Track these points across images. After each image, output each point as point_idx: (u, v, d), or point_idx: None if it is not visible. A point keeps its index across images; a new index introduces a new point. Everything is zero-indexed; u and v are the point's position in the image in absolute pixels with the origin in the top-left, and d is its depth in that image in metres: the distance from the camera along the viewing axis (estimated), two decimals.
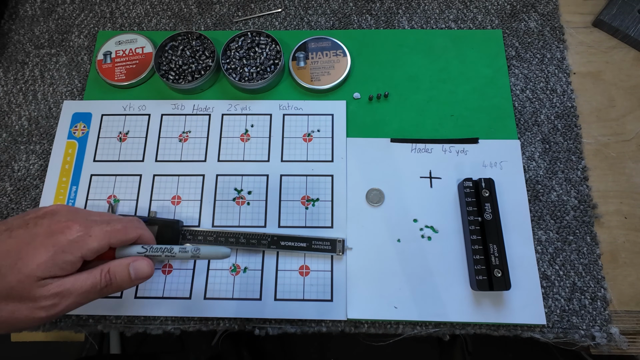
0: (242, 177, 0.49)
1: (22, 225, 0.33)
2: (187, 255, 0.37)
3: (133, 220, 0.37)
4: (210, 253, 0.37)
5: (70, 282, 0.32)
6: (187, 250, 0.37)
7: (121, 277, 0.34)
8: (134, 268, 0.35)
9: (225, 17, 0.58)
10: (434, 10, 0.57)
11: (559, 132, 0.50)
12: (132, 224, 0.36)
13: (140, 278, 0.35)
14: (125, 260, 0.35)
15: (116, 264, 0.34)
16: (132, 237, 0.36)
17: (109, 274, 0.34)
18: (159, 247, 0.37)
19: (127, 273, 0.34)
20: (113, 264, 0.34)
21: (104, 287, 0.34)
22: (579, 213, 0.47)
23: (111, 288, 0.34)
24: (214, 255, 0.38)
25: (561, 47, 0.54)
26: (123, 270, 0.34)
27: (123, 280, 0.34)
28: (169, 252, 0.36)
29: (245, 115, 0.52)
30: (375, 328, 0.44)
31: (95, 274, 0.33)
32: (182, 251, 0.37)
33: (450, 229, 0.47)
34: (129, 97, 0.54)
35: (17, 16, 0.59)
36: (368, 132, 0.51)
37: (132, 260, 0.35)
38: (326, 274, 0.45)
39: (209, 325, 0.44)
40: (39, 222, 0.33)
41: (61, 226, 0.33)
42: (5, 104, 0.54)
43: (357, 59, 0.54)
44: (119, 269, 0.34)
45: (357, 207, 0.48)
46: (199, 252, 0.37)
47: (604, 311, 0.44)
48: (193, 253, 0.37)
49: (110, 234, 0.34)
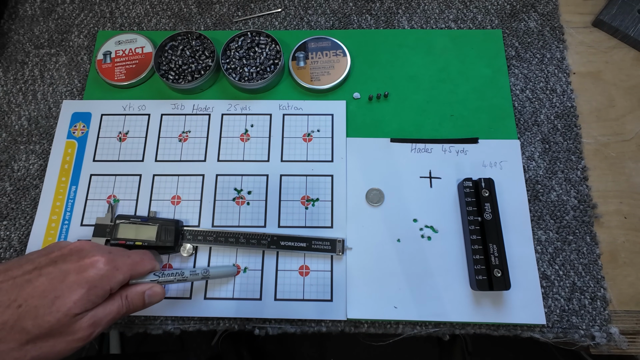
0: (242, 177, 0.49)
1: (50, 263, 0.34)
2: (198, 277, 0.41)
3: (147, 253, 0.40)
4: (219, 273, 0.43)
5: (101, 312, 0.35)
6: (197, 273, 0.41)
7: (137, 302, 0.38)
8: (148, 295, 0.38)
9: (225, 17, 0.58)
10: (433, 10, 0.57)
11: (559, 132, 0.50)
12: (147, 256, 0.40)
13: (152, 303, 0.39)
14: (141, 287, 0.38)
15: (133, 291, 0.38)
16: (148, 269, 0.39)
17: (127, 300, 0.37)
18: (170, 272, 0.40)
19: (142, 299, 0.38)
20: (130, 291, 0.38)
21: (124, 312, 0.37)
22: (579, 213, 0.47)
23: (128, 312, 0.38)
24: (223, 274, 0.43)
25: (561, 47, 0.54)
26: (139, 297, 0.38)
27: (138, 305, 0.38)
28: (180, 276, 0.40)
29: (245, 115, 0.52)
30: (375, 328, 0.44)
31: (118, 302, 0.36)
32: (193, 274, 0.41)
33: (450, 228, 0.47)
34: (129, 97, 0.54)
35: (16, 16, 0.59)
36: (368, 132, 0.51)
37: (147, 288, 0.38)
38: (326, 274, 0.45)
39: (209, 325, 0.44)
40: (67, 259, 0.35)
41: (90, 261, 0.35)
42: (5, 104, 0.54)
43: (357, 58, 0.54)
44: (135, 296, 0.38)
45: (357, 207, 0.48)
46: (209, 273, 0.42)
47: (603, 311, 0.44)
48: (203, 275, 0.42)
49: (132, 267, 0.37)
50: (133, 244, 0.44)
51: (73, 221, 0.48)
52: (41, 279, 0.33)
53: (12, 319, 0.31)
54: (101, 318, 0.35)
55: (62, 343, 0.33)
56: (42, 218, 0.48)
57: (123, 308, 0.37)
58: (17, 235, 0.48)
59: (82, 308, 0.33)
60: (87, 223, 0.48)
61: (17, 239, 0.48)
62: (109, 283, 0.35)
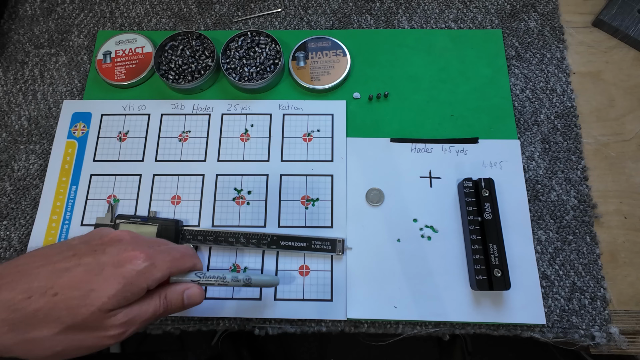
0: (242, 177, 0.49)
1: (89, 252, 0.33)
2: (240, 283, 0.39)
3: (188, 249, 0.38)
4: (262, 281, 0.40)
5: (136, 310, 0.33)
6: (239, 279, 0.39)
7: (176, 303, 0.36)
8: (187, 296, 0.36)
9: (225, 17, 0.58)
10: (433, 10, 0.57)
11: (559, 132, 0.50)
12: (188, 252, 0.38)
13: (192, 304, 0.37)
14: (180, 287, 0.36)
15: (172, 290, 0.36)
16: (189, 266, 0.37)
17: (166, 300, 0.35)
18: (212, 275, 0.38)
19: (181, 299, 0.36)
20: (169, 291, 0.36)
21: (162, 312, 0.35)
22: (579, 213, 0.47)
23: (167, 312, 0.36)
24: (265, 283, 0.40)
25: (561, 47, 0.54)
26: (178, 297, 0.36)
27: (177, 306, 0.36)
28: (221, 281, 0.38)
29: (245, 115, 0.52)
30: (375, 328, 0.44)
31: (155, 301, 0.35)
32: (234, 280, 0.38)
33: (450, 228, 0.47)
34: (129, 97, 0.54)
35: (16, 16, 0.59)
36: (368, 132, 0.51)
37: (187, 288, 0.36)
38: (326, 273, 0.45)
39: (209, 325, 0.44)
40: (106, 250, 0.33)
41: (128, 256, 0.33)
42: (5, 104, 0.54)
43: (357, 58, 0.54)
44: (174, 295, 0.36)
45: (357, 207, 0.48)
46: (250, 281, 0.39)
47: (603, 311, 0.44)
48: (245, 282, 0.39)
49: (171, 264, 0.35)
50: None
51: (73, 221, 0.48)
52: (79, 269, 0.32)
53: (47, 306, 0.30)
54: (135, 317, 0.33)
55: (93, 338, 0.32)
56: (43, 218, 0.48)
57: (160, 308, 0.35)
58: (17, 235, 0.48)
59: (116, 304, 0.32)
60: (88, 223, 0.48)
61: (17, 239, 0.48)
62: (145, 281, 0.33)
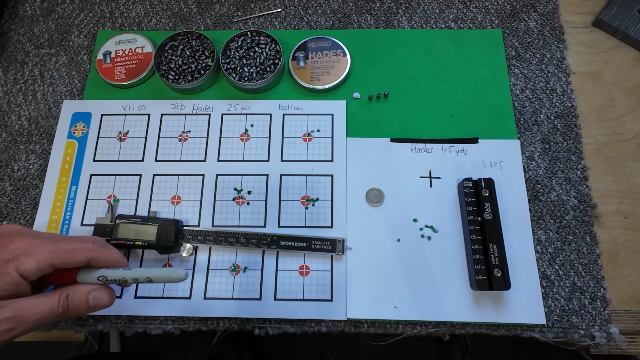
0: (242, 177, 0.49)
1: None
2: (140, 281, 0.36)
3: (86, 241, 0.35)
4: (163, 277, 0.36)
5: (26, 307, 0.31)
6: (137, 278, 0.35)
7: (79, 304, 0.34)
8: (93, 297, 0.34)
9: (225, 17, 0.58)
10: (433, 10, 0.57)
11: (559, 132, 0.50)
12: (83, 245, 0.34)
13: (98, 307, 0.35)
14: (85, 287, 0.34)
15: (75, 290, 0.34)
16: (80, 259, 0.34)
17: (67, 300, 0.33)
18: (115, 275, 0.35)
19: (85, 300, 0.34)
20: (72, 290, 0.34)
21: (61, 313, 0.33)
22: (579, 213, 0.47)
23: (68, 314, 0.34)
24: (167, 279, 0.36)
25: (561, 47, 0.54)
26: (82, 297, 0.34)
27: (81, 307, 0.34)
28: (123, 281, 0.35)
29: (245, 115, 0.52)
30: (375, 328, 0.44)
31: (53, 300, 0.33)
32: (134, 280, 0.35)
33: (450, 228, 0.47)
34: (129, 97, 0.54)
35: (16, 16, 0.59)
36: (368, 132, 0.51)
37: (93, 289, 0.34)
38: (326, 274, 0.45)
39: (209, 325, 0.44)
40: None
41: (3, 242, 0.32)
42: (5, 104, 0.54)
43: (357, 58, 0.54)
44: (77, 296, 0.34)
45: (357, 207, 0.48)
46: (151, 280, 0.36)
47: (603, 311, 0.44)
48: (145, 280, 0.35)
49: (52, 255, 0.32)
50: (133, 243, 0.44)
51: (73, 221, 0.48)
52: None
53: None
54: (25, 313, 0.31)
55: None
56: (43, 218, 0.48)
57: (59, 308, 0.32)
58: None
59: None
60: (88, 223, 0.48)
61: None
62: (15, 269, 0.31)
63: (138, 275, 0.36)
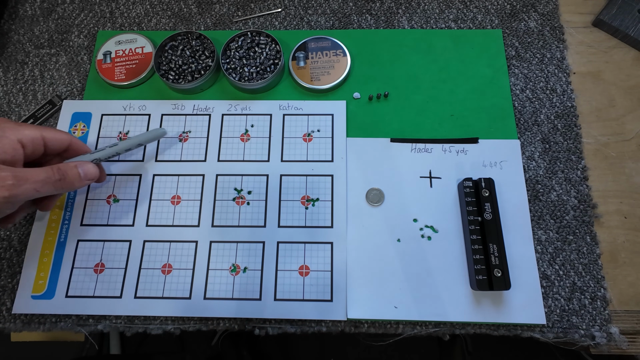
0: (242, 177, 0.49)
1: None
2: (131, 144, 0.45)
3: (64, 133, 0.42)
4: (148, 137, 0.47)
5: (25, 170, 0.36)
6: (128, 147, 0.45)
7: (72, 175, 0.40)
8: (82, 169, 0.41)
9: (225, 17, 0.58)
10: (434, 10, 0.57)
11: (559, 132, 0.50)
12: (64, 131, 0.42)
13: (89, 178, 0.41)
14: (72, 162, 0.41)
15: (64, 164, 0.40)
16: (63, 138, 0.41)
17: (60, 170, 0.39)
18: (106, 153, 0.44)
19: (77, 172, 0.40)
20: (62, 164, 0.40)
21: (57, 179, 0.38)
22: (579, 213, 0.47)
23: (65, 183, 0.39)
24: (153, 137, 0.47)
25: (561, 47, 0.54)
26: (72, 169, 0.40)
27: (74, 177, 0.40)
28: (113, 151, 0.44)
29: (245, 115, 0.52)
30: (375, 328, 0.44)
31: (47, 169, 0.38)
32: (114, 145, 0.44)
33: (450, 228, 0.47)
34: (129, 97, 0.54)
35: (17, 16, 0.59)
36: (368, 132, 0.51)
37: (80, 163, 0.41)
38: (326, 274, 0.45)
39: (209, 325, 0.44)
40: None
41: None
42: (5, 104, 0.54)
43: (357, 58, 0.54)
44: (68, 167, 0.40)
45: (357, 207, 0.48)
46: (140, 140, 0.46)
47: (603, 311, 0.44)
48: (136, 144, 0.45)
49: (42, 129, 0.40)
50: None
51: (73, 221, 0.48)
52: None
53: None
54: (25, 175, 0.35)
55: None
56: (42, 218, 0.48)
57: (55, 174, 0.38)
58: (17, 236, 0.48)
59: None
60: (87, 223, 0.48)
61: (17, 239, 0.48)
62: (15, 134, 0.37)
63: (128, 145, 0.45)
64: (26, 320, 0.45)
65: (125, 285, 0.45)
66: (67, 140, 0.42)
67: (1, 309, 0.45)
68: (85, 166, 0.41)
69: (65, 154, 0.43)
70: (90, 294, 0.45)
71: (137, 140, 0.46)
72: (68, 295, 0.45)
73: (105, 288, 0.45)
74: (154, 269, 0.46)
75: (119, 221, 0.48)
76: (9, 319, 0.45)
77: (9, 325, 0.45)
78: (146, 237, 0.47)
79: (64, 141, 0.41)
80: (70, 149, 0.43)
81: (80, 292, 0.45)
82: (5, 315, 0.45)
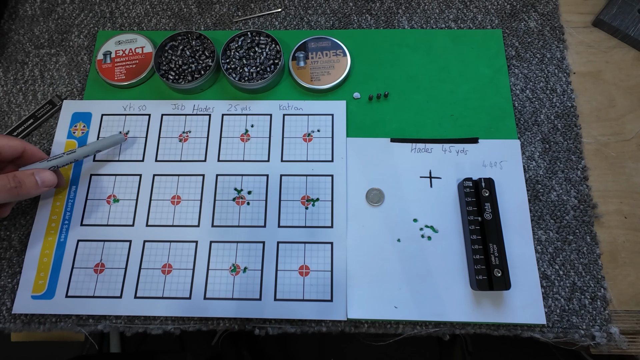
0: (242, 177, 0.49)
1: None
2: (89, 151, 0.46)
3: None
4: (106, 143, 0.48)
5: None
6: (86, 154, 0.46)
7: (29, 183, 0.40)
8: (39, 176, 0.41)
9: (225, 17, 0.58)
10: (433, 10, 0.57)
11: (559, 131, 0.50)
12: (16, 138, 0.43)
13: (47, 185, 0.42)
14: (28, 170, 0.41)
15: (20, 172, 0.41)
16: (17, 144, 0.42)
17: (16, 177, 0.40)
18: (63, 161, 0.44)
19: (33, 180, 0.41)
20: (18, 172, 0.40)
21: (13, 187, 0.39)
22: (579, 213, 0.47)
23: (21, 190, 0.40)
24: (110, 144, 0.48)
25: (561, 47, 0.54)
26: (29, 177, 0.41)
27: (31, 185, 0.41)
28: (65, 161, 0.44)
29: (245, 116, 0.52)
30: (375, 328, 0.44)
31: (3, 177, 0.39)
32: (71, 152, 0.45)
33: (450, 228, 0.47)
34: (129, 97, 0.54)
35: (17, 16, 0.59)
36: (368, 132, 0.51)
37: (36, 171, 0.41)
38: (326, 274, 0.45)
39: (209, 325, 0.44)
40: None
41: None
42: (5, 104, 0.54)
43: (357, 58, 0.54)
44: (25, 175, 0.40)
45: (357, 207, 0.48)
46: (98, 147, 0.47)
47: (603, 311, 0.44)
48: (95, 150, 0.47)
49: None
50: None
51: (73, 221, 0.48)
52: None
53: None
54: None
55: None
56: (42, 218, 0.48)
57: (10, 182, 0.39)
58: (17, 236, 0.48)
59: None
60: (87, 223, 0.48)
61: (17, 239, 0.48)
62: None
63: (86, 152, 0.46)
64: (26, 320, 0.45)
65: (125, 285, 0.45)
66: (20, 147, 0.42)
67: (1, 309, 0.45)
68: (42, 173, 0.41)
69: (19, 160, 0.44)
70: (90, 294, 0.45)
71: (95, 147, 0.47)
72: (68, 295, 0.45)
73: (105, 288, 0.45)
74: (154, 269, 0.46)
75: (119, 221, 0.48)
76: (9, 319, 0.45)
77: (9, 325, 0.45)
78: (146, 237, 0.47)
79: (18, 148, 0.42)
80: (24, 155, 0.43)
81: (80, 292, 0.45)
82: (5, 315, 0.45)
